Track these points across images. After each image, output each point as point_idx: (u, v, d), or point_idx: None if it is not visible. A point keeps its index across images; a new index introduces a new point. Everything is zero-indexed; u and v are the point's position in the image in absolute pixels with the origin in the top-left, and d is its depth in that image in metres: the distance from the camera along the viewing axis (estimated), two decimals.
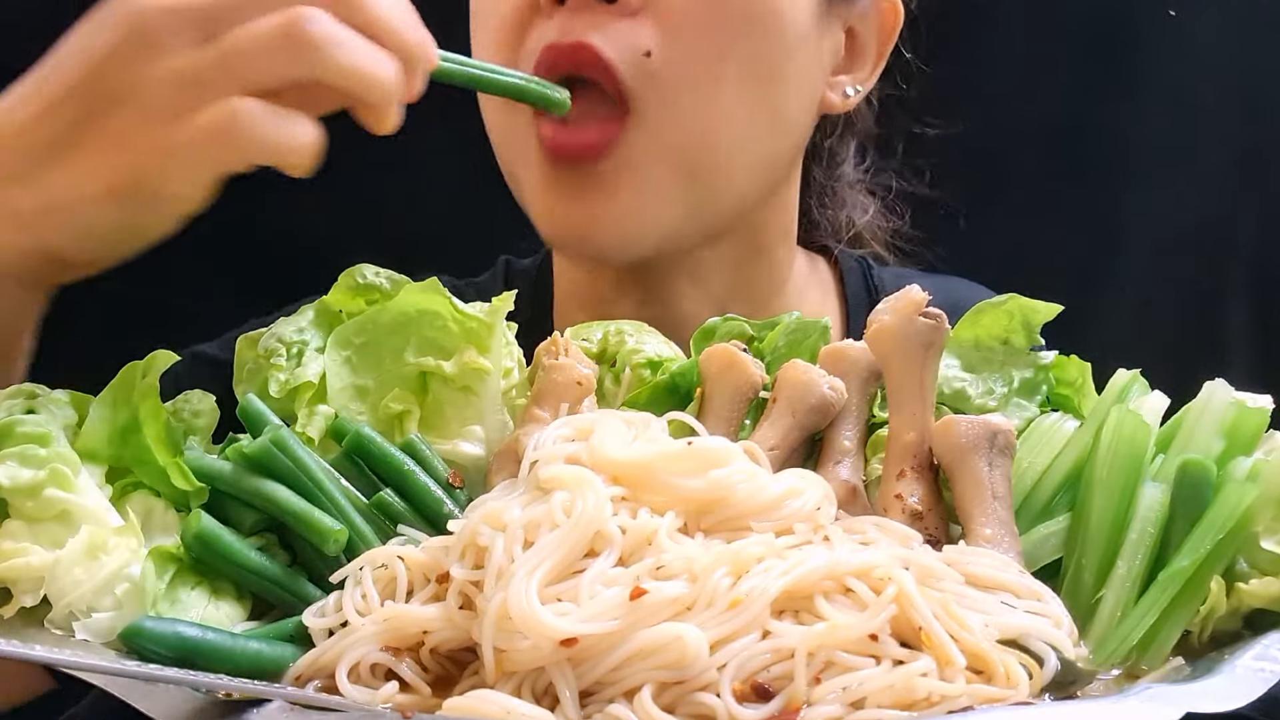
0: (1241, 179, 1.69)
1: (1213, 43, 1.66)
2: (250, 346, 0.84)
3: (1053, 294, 0.87)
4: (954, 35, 1.58)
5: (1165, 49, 1.66)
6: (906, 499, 0.76)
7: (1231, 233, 1.70)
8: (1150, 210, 1.68)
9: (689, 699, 0.60)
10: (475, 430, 0.83)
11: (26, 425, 0.71)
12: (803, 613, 0.63)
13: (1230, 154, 1.69)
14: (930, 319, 0.79)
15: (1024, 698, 0.61)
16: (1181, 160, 1.67)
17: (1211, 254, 1.70)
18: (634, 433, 0.73)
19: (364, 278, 0.84)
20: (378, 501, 0.77)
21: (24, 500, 0.69)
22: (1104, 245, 1.69)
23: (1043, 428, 0.83)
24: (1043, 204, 1.69)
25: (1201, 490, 0.73)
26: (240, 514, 0.74)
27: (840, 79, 1.15)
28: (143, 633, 0.64)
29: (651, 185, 1.02)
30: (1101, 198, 1.69)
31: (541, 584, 0.62)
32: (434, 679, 0.66)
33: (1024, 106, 1.67)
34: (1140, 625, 0.69)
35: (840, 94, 1.15)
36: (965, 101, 1.51)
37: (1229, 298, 1.71)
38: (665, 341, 0.89)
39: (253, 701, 0.61)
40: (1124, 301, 1.69)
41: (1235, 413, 0.76)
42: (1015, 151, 1.68)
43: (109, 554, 0.69)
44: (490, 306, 0.84)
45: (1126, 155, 1.69)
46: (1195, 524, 0.72)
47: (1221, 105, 1.67)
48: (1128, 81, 1.68)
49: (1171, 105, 1.66)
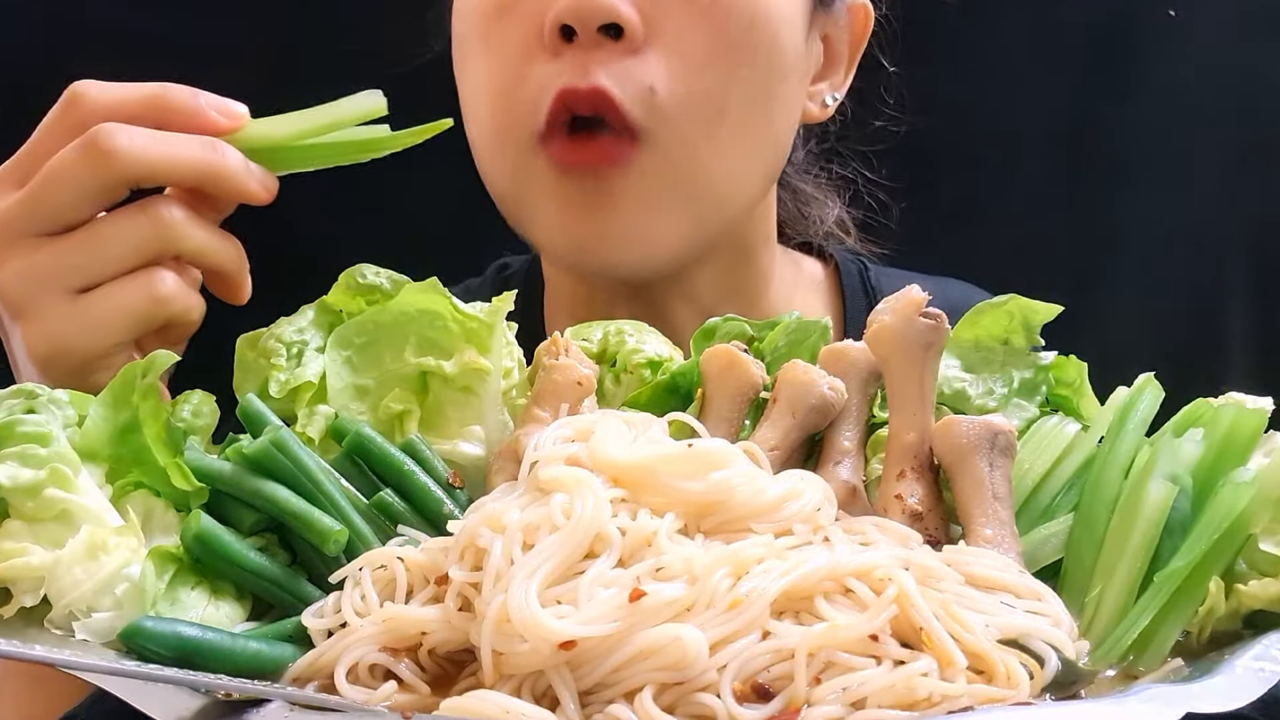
0: (1241, 179, 1.69)
1: (1212, 43, 1.66)
2: (250, 346, 0.84)
3: (1053, 294, 0.87)
4: (954, 36, 1.58)
5: (1165, 50, 1.66)
6: (906, 499, 0.76)
7: (1231, 233, 1.70)
8: (1150, 210, 1.68)
9: (689, 699, 0.60)
10: (475, 430, 0.83)
11: (27, 425, 0.71)
12: (803, 613, 0.63)
13: (1230, 154, 1.68)
14: (930, 319, 0.79)
15: (1025, 698, 0.61)
16: (1181, 160, 1.67)
17: (1211, 254, 1.70)
18: (634, 434, 0.73)
19: (364, 278, 0.84)
20: (378, 502, 0.76)
21: (24, 500, 0.69)
22: (1104, 245, 1.69)
23: (1044, 430, 0.83)
24: (1043, 204, 1.69)
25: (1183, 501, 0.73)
26: (240, 514, 0.74)
27: (819, 87, 1.16)
28: (142, 633, 0.64)
29: (659, 208, 1.03)
30: (1101, 198, 1.69)
31: (541, 586, 0.62)
32: (432, 679, 0.66)
33: (1024, 107, 1.67)
34: (1136, 625, 0.69)
35: (819, 103, 1.16)
36: (965, 102, 1.51)
37: (1229, 298, 1.71)
38: (665, 341, 0.89)
39: (252, 701, 0.61)
40: (1124, 301, 1.69)
41: (1234, 414, 0.76)
42: (1015, 152, 1.68)
43: (109, 554, 0.69)
44: (490, 306, 0.84)
45: (1126, 155, 1.69)
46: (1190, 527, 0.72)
47: (1221, 106, 1.67)
48: (1128, 82, 1.68)
49: (1171, 106, 1.66)
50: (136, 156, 0.80)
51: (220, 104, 0.86)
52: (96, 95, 0.83)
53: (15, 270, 0.81)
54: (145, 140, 0.81)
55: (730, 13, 1.00)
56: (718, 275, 1.17)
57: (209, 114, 0.85)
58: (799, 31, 1.06)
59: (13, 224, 0.81)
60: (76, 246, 0.81)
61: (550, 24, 0.98)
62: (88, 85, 0.84)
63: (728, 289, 1.18)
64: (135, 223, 0.82)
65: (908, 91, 1.40)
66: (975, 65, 1.63)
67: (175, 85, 0.85)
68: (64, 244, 0.81)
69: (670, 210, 1.03)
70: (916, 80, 1.38)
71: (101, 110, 0.82)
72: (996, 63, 1.66)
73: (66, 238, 0.81)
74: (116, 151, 0.79)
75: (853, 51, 1.18)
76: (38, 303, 0.80)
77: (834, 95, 1.17)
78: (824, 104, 1.17)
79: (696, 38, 1.00)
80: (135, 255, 0.82)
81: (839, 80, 1.18)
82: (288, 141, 0.87)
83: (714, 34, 1.00)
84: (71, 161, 0.80)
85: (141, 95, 0.84)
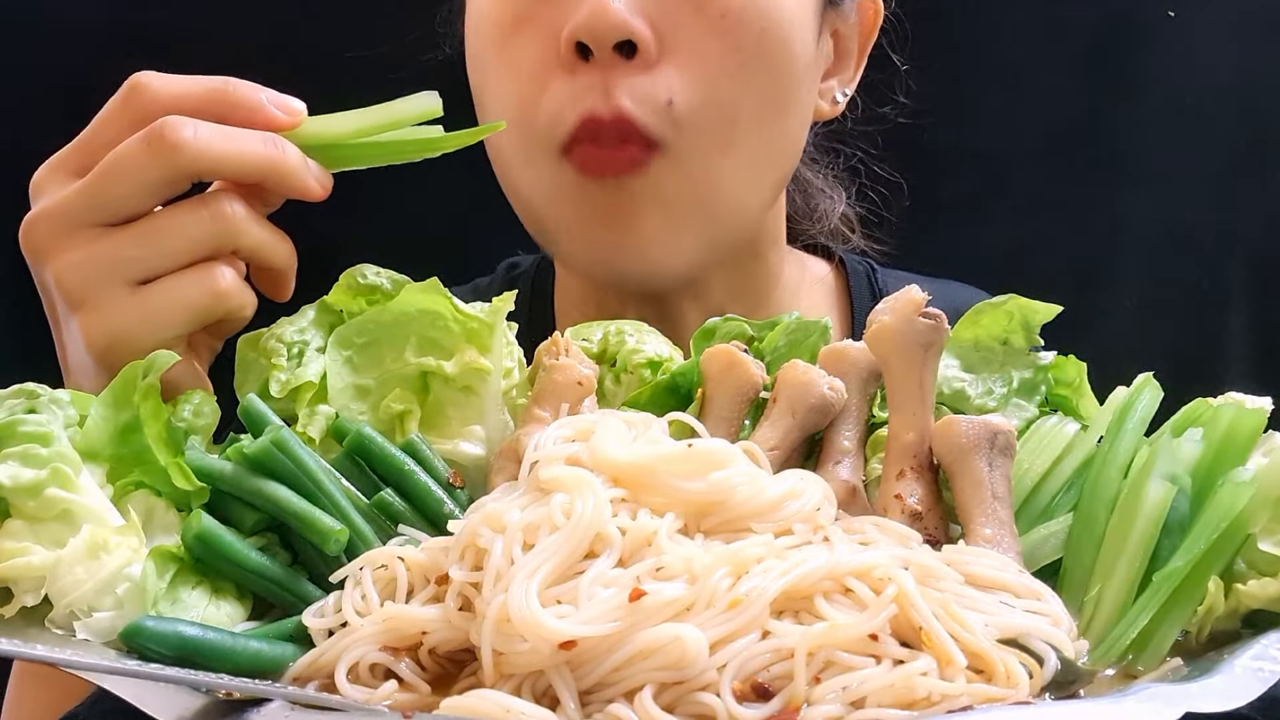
0: (1241, 179, 1.69)
1: (1212, 44, 1.66)
2: (251, 346, 0.84)
3: (1053, 294, 0.87)
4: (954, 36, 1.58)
5: (1165, 50, 1.66)
6: (906, 499, 0.76)
7: (1231, 233, 1.70)
8: (1150, 211, 1.68)
9: (689, 699, 0.60)
10: (476, 430, 0.83)
11: (28, 425, 0.71)
12: (802, 613, 0.63)
13: (1230, 154, 1.68)
14: (930, 319, 0.80)
15: (1024, 697, 0.61)
16: (1181, 160, 1.67)
17: (1211, 254, 1.70)
18: (634, 434, 0.73)
19: (364, 278, 0.84)
20: (378, 501, 0.77)
21: (25, 500, 0.69)
22: (1104, 245, 1.70)
23: (1043, 430, 0.83)
24: (1043, 204, 1.69)
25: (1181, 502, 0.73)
26: (241, 514, 0.74)
27: (829, 84, 1.16)
28: (143, 632, 0.64)
29: (677, 221, 1.04)
30: (1101, 198, 1.69)
31: (541, 586, 0.62)
32: (432, 678, 0.67)
33: (1024, 107, 1.67)
34: (1135, 625, 0.69)
35: (830, 100, 1.17)
36: (965, 102, 1.51)
37: (1229, 298, 1.71)
38: (666, 341, 0.90)
39: (253, 701, 0.61)
40: (1124, 301, 1.69)
41: (1233, 413, 0.76)
42: (1015, 151, 1.68)
43: (110, 553, 0.69)
44: (490, 306, 0.84)
45: (1126, 155, 1.69)
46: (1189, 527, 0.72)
47: (1221, 106, 1.67)
48: (1128, 82, 1.68)
49: (1171, 106, 1.66)
50: (202, 150, 0.79)
51: (280, 100, 0.85)
52: (160, 87, 0.82)
53: (75, 260, 0.80)
54: (211, 134, 0.80)
55: (742, 23, 1.00)
56: (727, 276, 1.17)
57: (270, 109, 0.84)
58: (810, 34, 1.06)
59: (72, 213, 0.80)
60: (138, 238, 0.80)
61: (566, 41, 0.98)
62: (150, 76, 0.83)
63: (736, 288, 1.19)
64: (197, 217, 0.81)
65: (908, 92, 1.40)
66: (976, 65, 1.63)
67: (237, 80, 0.84)
68: (125, 235, 0.80)
69: (688, 223, 1.04)
70: (917, 80, 1.38)
71: (165, 102, 0.81)
72: (997, 62, 1.66)
73: (127, 229, 0.80)
74: (182, 145, 0.79)
75: (862, 46, 1.18)
76: (97, 294, 0.79)
77: (844, 91, 1.17)
78: (834, 100, 1.17)
79: (709, 49, 1.00)
80: (196, 249, 0.81)
81: (849, 76, 1.18)
82: (344, 139, 0.87)
83: (727, 45, 1.00)
84: (136, 153, 0.79)
85: (204, 89, 0.83)
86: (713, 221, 1.05)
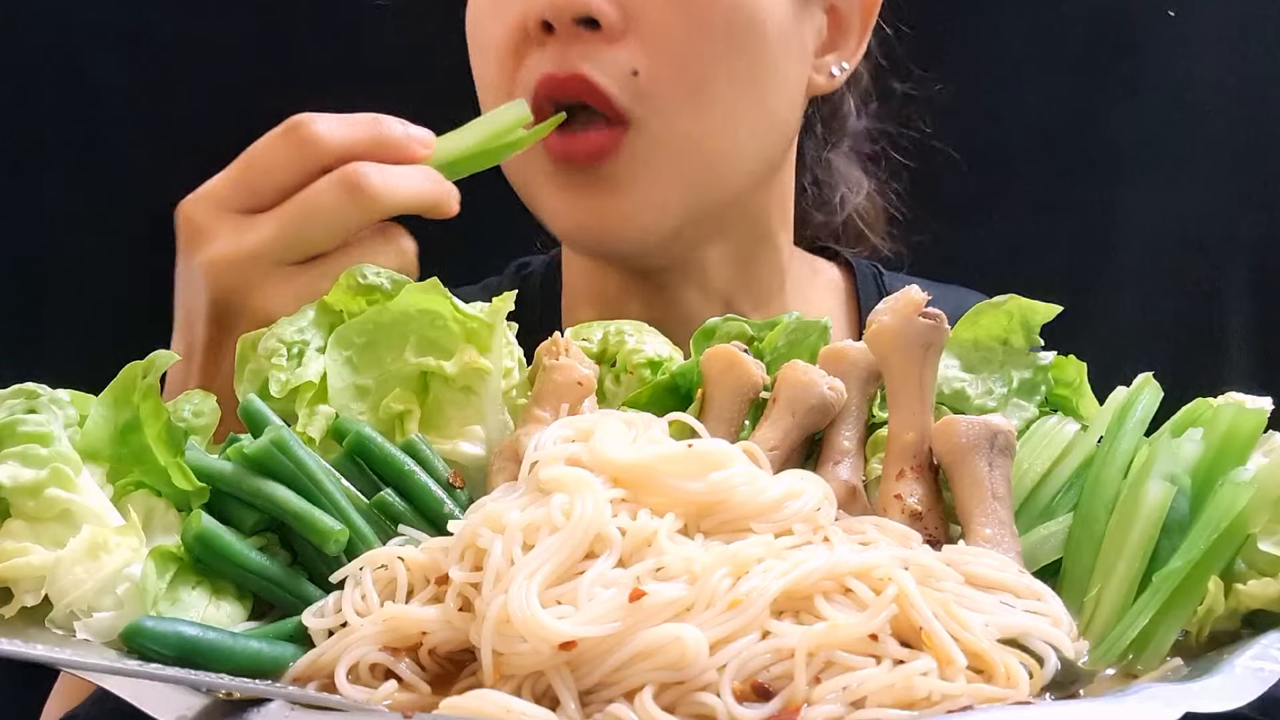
0: (1241, 179, 1.69)
1: (1212, 43, 1.66)
2: (251, 346, 0.84)
3: (1053, 294, 0.87)
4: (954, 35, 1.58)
5: (1165, 49, 1.66)
6: (906, 499, 0.76)
7: (1231, 233, 1.70)
8: (1150, 210, 1.68)
9: (689, 699, 0.60)
10: (476, 430, 0.83)
11: (28, 425, 0.71)
12: (803, 613, 0.63)
13: (1230, 154, 1.69)
14: (929, 319, 0.80)
15: (1024, 697, 0.61)
16: (1181, 160, 1.68)
17: (1211, 254, 1.70)
18: (634, 434, 0.73)
19: (364, 278, 0.84)
20: (378, 502, 0.77)
21: (25, 500, 0.69)
22: (1104, 245, 1.70)
23: (1043, 430, 0.83)
24: (1042, 204, 1.69)
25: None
26: (241, 514, 0.74)
27: (826, 59, 1.16)
28: (143, 632, 0.64)
29: (654, 187, 1.05)
30: (1101, 197, 1.70)
31: (541, 586, 0.62)
32: (432, 678, 0.66)
33: (1024, 106, 1.67)
34: (1135, 625, 0.69)
35: (826, 75, 1.17)
36: (965, 102, 1.51)
37: (1229, 297, 1.71)
38: (666, 341, 0.90)
39: (253, 701, 0.61)
40: (1124, 301, 1.69)
41: (1233, 413, 0.76)
42: (1015, 151, 1.68)
43: (110, 554, 0.69)
44: (490, 306, 0.84)
45: (1126, 155, 1.69)
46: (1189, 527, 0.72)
47: (1221, 105, 1.67)
48: (1127, 81, 1.68)
49: (1171, 105, 1.67)
50: (390, 194, 0.87)
51: (416, 132, 0.92)
52: (325, 130, 0.88)
53: (282, 302, 0.86)
54: (394, 179, 0.88)
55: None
56: (731, 262, 1.17)
57: (415, 145, 0.91)
58: (784, 10, 1.07)
59: (270, 254, 0.87)
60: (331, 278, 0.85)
61: (533, 20, 1.02)
62: (311, 118, 0.88)
63: (742, 280, 1.19)
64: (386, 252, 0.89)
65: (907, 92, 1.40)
66: (975, 65, 1.63)
67: (385, 117, 0.91)
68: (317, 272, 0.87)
69: (664, 186, 1.06)
70: (916, 80, 1.38)
71: (332, 147, 0.87)
72: (997, 62, 1.66)
73: (324, 272, 0.86)
74: (378, 194, 0.86)
75: (864, 20, 1.18)
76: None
77: (842, 65, 1.18)
78: (830, 75, 1.17)
79: (675, 23, 1.02)
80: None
81: (849, 50, 1.18)
82: (463, 155, 0.94)
83: (692, 19, 1.02)
84: (331, 198, 0.86)
85: (364, 130, 0.89)
86: (691, 186, 1.07)
